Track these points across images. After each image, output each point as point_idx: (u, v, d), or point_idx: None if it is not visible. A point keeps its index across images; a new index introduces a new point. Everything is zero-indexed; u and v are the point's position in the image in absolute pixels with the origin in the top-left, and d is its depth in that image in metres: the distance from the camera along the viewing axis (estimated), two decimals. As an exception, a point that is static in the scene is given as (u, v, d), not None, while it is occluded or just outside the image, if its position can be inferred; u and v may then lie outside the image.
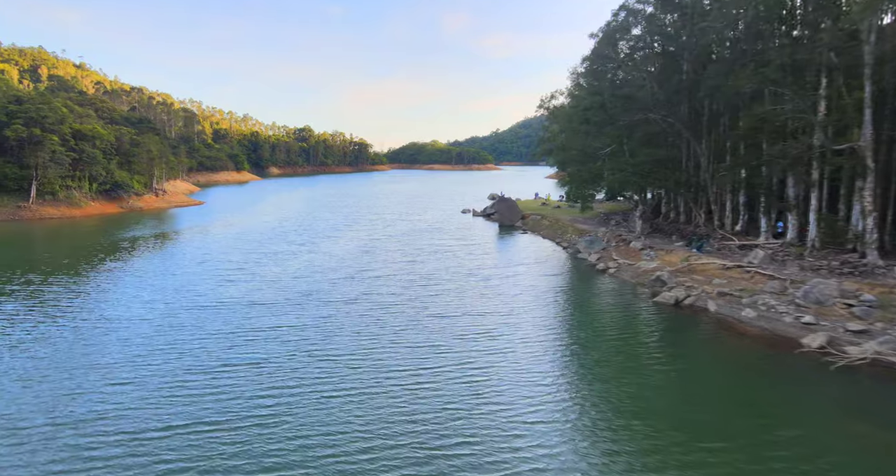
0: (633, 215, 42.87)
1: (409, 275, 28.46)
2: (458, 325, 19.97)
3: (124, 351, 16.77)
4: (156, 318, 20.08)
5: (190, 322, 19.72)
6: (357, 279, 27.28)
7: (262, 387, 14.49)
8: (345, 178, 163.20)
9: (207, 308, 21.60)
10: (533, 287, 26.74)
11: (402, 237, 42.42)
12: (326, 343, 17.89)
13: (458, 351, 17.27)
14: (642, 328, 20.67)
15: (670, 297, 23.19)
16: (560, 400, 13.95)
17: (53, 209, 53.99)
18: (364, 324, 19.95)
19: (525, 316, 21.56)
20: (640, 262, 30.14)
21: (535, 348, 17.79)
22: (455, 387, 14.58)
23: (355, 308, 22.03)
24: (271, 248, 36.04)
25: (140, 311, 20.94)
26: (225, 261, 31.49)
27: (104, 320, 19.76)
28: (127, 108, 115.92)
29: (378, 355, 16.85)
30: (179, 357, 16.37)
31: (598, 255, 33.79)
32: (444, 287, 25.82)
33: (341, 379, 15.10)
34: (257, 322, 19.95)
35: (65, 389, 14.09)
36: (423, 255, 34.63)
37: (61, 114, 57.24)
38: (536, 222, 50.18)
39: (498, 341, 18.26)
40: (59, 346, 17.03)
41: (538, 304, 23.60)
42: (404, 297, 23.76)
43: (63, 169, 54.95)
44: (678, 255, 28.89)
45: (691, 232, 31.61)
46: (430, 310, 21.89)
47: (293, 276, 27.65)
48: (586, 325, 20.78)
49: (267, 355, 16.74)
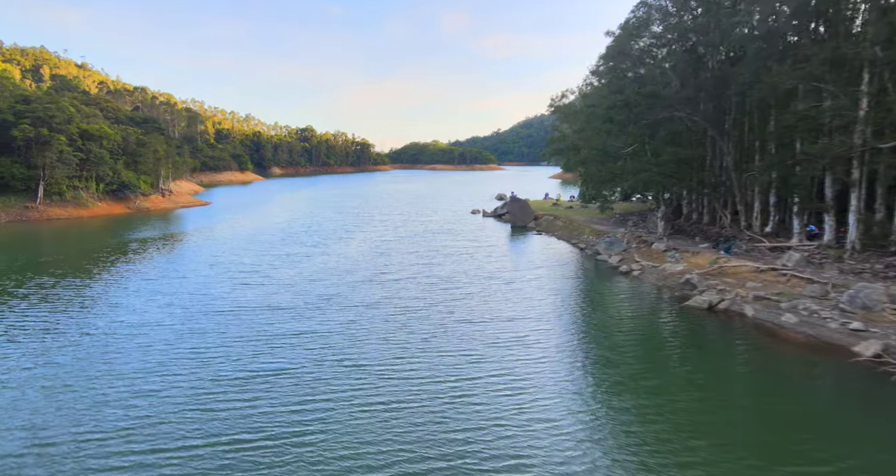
0: (652, 216, 42.10)
1: (429, 278, 27.73)
2: (488, 331, 19.23)
3: (147, 358, 16.07)
4: (175, 324, 19.37)
5: (211, 327, 19.01)
6: (375, 282, 26.56)
7: (294, 398, 13.78)
8: (347, 178, 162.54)
9: (226, 313, 20.89)
10: (557, 290, 26.02)
11: (415, 238, 41.70)
12: (354, 350, 17.17)
13: (493, 359, 16.53)
14: (678, 334, 19.91)
15: (703, 301, 22.43)
16: (607, 416, 13.21)
17: (61, 210, 53.37)
18: (390, 330, 19.22)
19: (555, 321, 20.83)
20: (664, 264, 29.38)
21: (572, 357, 17.07)
22: (497, 399, 13.83)
23: (378, 313, 21.32)
24: (283, 250, 35.36)
25: (158, 316, 20.23)
26: (237, 263, 30.80)
27: (122, 325, 19.06)
28: (130, 108, 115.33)
29: (409, 364, 16.12)
30: (204, 365, 15.66)
31: (619, 257, 33.03)
32: (466, 290, 25.09)
33: (374, 389, 14.37)
34: (280, 327, 19.24)
35: (88, 400, 13.39)
36: (439, 256, 33.90)
37: (69, 113, 56.60)
38: (550, 223, 49.44)
39: (533, 350, 17.52)
40: (79, 353, 16.34)
41: (566, 308, 22.88)
42: (427, 302, 23.04)
43: (70, 169, 54.35)
44: (705, 257, 28.13)
45: (716, 233, 30.83)
46: (456, 315, 21.16)
47: (309, 279, 26.94)
48: (620, 332, 20.03)
49: (294, 363, 16.03)
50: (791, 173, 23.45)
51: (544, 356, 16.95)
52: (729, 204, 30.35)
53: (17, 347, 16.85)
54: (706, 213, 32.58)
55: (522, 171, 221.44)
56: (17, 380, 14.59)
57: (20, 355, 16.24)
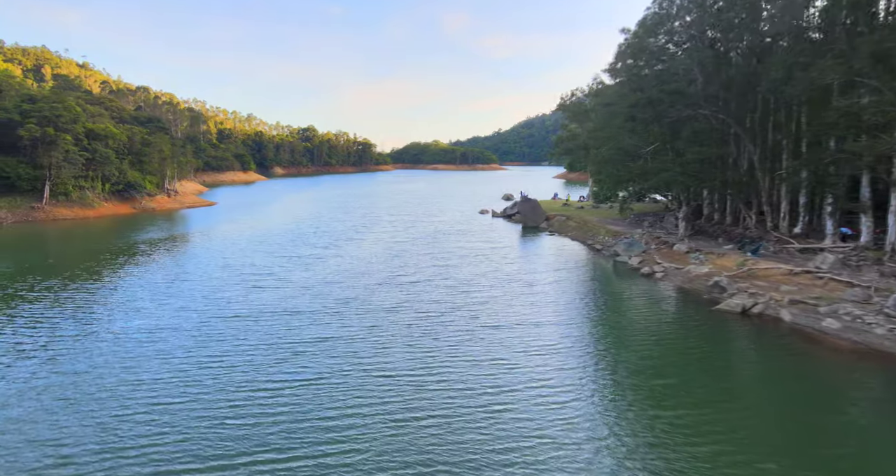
0: (668, 216, 41.36)
1: (447, 280, 26.99)
2: (516, 337, 18.49)
3: (167, 365, 15.35)
4: (192, 329, 18.64)
5: (229, 333, 18.28)
6: (393, 285, 25.83)
7: (323, 411, 13.05)
8: (350, 178, 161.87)
9: (243, 317, 20.17)
10: (581, 293, 25.29)
11: (427, 239, 40.97)
12: (380, 357, 16.44)
13: (527, 368, 15.78)
14: (713, 340, 19.16)
15: (736, 304, 21.68)
16: (651, 433, 12.44)
17: (67, 210, 52.72)
18: (415, 336, 18.48)
19: (585, 327, 20.11)
20: (687, 265, 28.64)
21: (609, 366, 16.34)
22: (541, 413, 13.08)
23: (400, 317, 20.58)
24: (294, 252, 34.63)
25: (174, 321, 19.50)
26: (249, 265, 30.07)
27: (137, 331, 18.34)
28: (133, 108, 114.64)
29: (440, 374, 15.38)
30: (227, 373, 14.94)
31: (639, 259, 32.27)
32: (488, 294, 24.34)
33: (407, 400, 13.64)
34: (300, 333, 18.51)
35: (110, 411, 12.68)
36: (454, 258, 33.16)
37: (75, 113, 55.94)
38: (562, 223, 48.71)
39: (566, 357, 16.78)
40: (97, 361, 15.63)
41: (593, 312, 22.14)
42: (449, 306, 22.29)
43: (76, 169, 53.70)
44: (731, 258, 27.38)
45: (740, 234, 30.07)
46: (481, 319, 20.41)
47: (325, 282, 26.21)
48: (654, 338, 19.26)
49: (320, 371, 15.30)
50: (826, 172, 22.67)
51: (580, 364, 16.21)
52: (754, 204, 29.60)
53: (32, 354, 16.15)
54: (729, 213, 31.81)
55: (524, 171, 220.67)
56: (36, 389, 13.90)
57: (37, 363, 15.55)
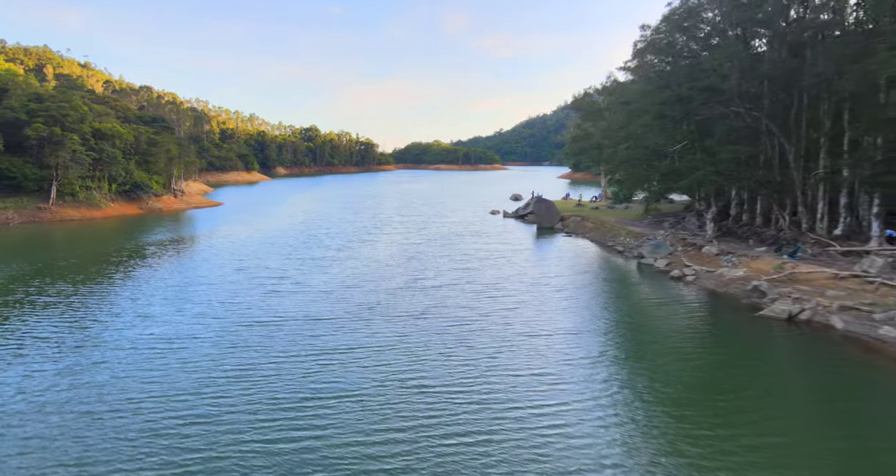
0: (689, 217, 40.31)
1: (472, 284, 25.95)
2: (555, 346, 17.45)
3: (191, 377, 14.36)
4: (213, 336, 17.64)
5: (253, 341, 17.27)
6: (416, 289, 24.80)
7: (363, 426, 12.05)
8: (353, 178, 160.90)
9: (266, 324, 19.15)
10: (613, 298, 24.27)
11: (442, 240, 39.93)
12: (415, 369, 15.42)
13: (574, 382, 14.75)
14: (764, 350, 18.11)
15: (781, 310, 20.62)
16: (719, 456, 11.42)
17: (74, 211, 51.82)
18: (448, 345, 17.45)
19: (626, 336, 19.08)
20: (719, 268, 27.59)
21: (663, 380, 15.30)
22: (595, 432, 12.05)
23: (429, 324, 19.55)
24: (308, 254, 33.61)
25: (194, 328, 18.50)
26: (263, 268, 29.05)
27: (156, 339, 17.34)
28: (136, 107, 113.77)
29: (481, 387, 14.35)
30: (255, 387, 13.93)
31: (666, 261, 31.22)
32: (517, 299, 23.30)
33: (452, 418, 12.61)
34: (326, 341, 17.50)
35: (137, 428, 11.72)
36: (474, 260, 32.12)
37: (82, 112, 55.03)
38: (578, 224, 47.66)
39: (614, 369, 15.76)
40: (117, 371, 14.66)
41: (631, 319, 21.10)
42: (478, 312, 21.25)
43: (83, 169, 52.79)
44: (767, 261, 26.31)
45: (772, 236, 28.98)
46: (515, 327, 19.37)
47: (345, 286, 25.19)
48: (701, 348, 18.22)
49: (352, 384, 14.28)
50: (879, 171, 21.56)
51: (629, 377, 15.19)
52: (788, 204, 28.52)
53: (49, 365, 15.18)
54: (759, 214, 30.74)
55: (527, 171, 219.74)
56: (56, 403, 12.94)
57: (54, 373, 14.58)
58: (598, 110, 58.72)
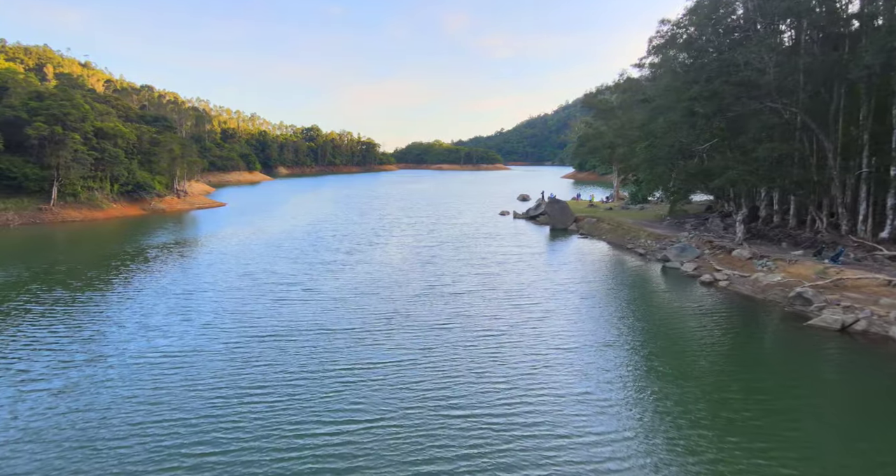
0: (713, 218, 38.85)
1: (493, 291, 24.51)
2: (596, 364, 16.00)
3: (201, 399, 12.96)
4: (222, 350, 16.23)
5: (265, 356, 15.85)
6: (435, 296, 23.37)
7: (402, 461, 10.62)
8: (355, 178, 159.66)
9: (277, 336, 17.73)
10: (646, 307, 22.82)
11: (455, 243, 38.49)
12: (446, 388, 14.00)
13: (624, 407, 13.33)
14: (822, 365, 16.69)
15: (834, 320, 19.16)
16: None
17: (75, 211, 50.51)
18: (478, 360, 16.02)
19: (669, 349, 17.62)
20: (754, 273, 26.11)
21: (720, 402, 13.86)
22: (663, 469, 10.60)
23: (454, 337, 18.11)
24: (317, 258, 32.18)
25: (200, 341, 17.09)
26: (271, 273, 27.62)
27: (163, 354, 15.95)
28: (138, 107, 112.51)
29: (525, 409, 12.92)
30: (273, 410, 12.52)
31: (694, 265, 29.76)
32: (543, 307, 21.85)
33: (496, 449, 11.18)
34: (345, 356, 16.08)
35: (141, 458, 10.31)
36: (492, 265, 30.66)
37: (83, 111, 53.69)
38: (593, 226, 46.20)
39: (664, 389, 14.31)
40: (120, 391, 13.28)
41: (670, 330, 19.62)
42: (505, 322, 19.80)
43: (85, 169, 51.47)
44: (807, 266, 24.84)
45: (809, 239, 27.51)
46: (546, 340, 17.92)
47: (359, 293, 23.77)
48: (752, 363, 16.79)
49: (379, 407, 12.87)
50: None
51: (681, 400, 13.72)
52: (825, 205, 27.05)
53: (46, 383, 13.81)
54: (792, 215, 29.26)
55: (529, 171, 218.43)
56: (57, 427, 11.62)
57: (52, 394, 13.20)
58: (611, 108, 57.26)
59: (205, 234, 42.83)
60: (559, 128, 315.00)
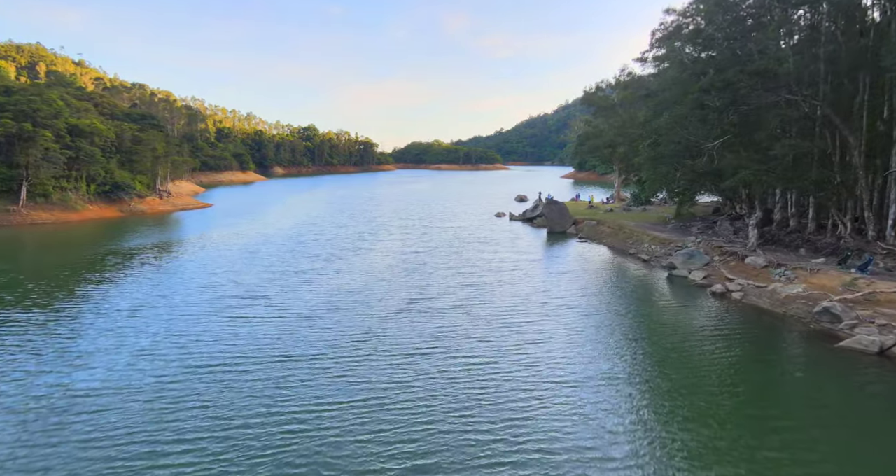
0: (722, 221, 36.30)
1: (483, 306, 21.91)
2: (604, 405, 13.40)
3: (105, 460, 10.27)
4: (150, 389, 13.57)
5: (209, 396, 13.19)
6: (417, 313, 20.77)
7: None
8: (352, 178, 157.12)
9: (222, 367, 15.10)
10: (655, 327, 20.25)
11: (446, 249, 35.86)
12: (419, 445, 11.39)
13: (643, 469, 10.75)
14: (858, 395, 14.13)
15: (870, 342, 16.62)
16: None
17: (46, 213, 47.84)
18: (461, 401, 13.40)
19: (693, 386, 15.02)
20: (771, 284, 23.57)
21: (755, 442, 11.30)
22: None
23: (435, 367, 15.52)
24: (293, 266, 29.43)
25: (124, 375, 14.41)
26: (237, 284, 24.96)
27: (77, 393, 13.28)
28: (129, 105, 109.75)
29: (513, 474, 10.34)
30: (204, 471, 9.88)
31: (703, 273, 27.23)
32: (540, 327, 19.24)
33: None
34: (303, 396, 13.49)
35: None
36: (483, 274, 28.05)
37: (56, 107, 50.98)
38: (593, 229, 43.64)
39: (704, 439, 11.74)
40: (14, 448, 10.56)
41: (689, 360, 17.00)
42: (495, 348, 17.16)
43: (57, 168, 48.73)
44: (831, 276, 22.30)
45: (831, 245, 24.98)
46: (544, 372, 15.33)
47: (330, 309, 21.16)
48: (778, 390, 14.23)
49: (337, 471, 10.25)
50: None
51: (714, 453, 11.16)
52: (849, 208, 24.53)
53: None
54: (811, 218, 26.71)
55: (529, 171, 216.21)
56: None
57: None
58: (612, 105, 54.69)
59: (179, 237, 40.17)
60: (559, 127, 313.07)
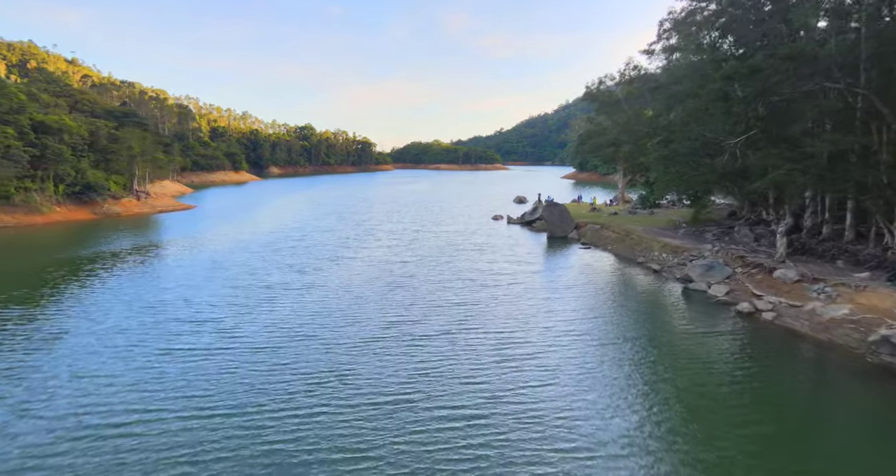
0: (740, 227, 32.97)
1: (474, 334, 18.56)
2: (630, 461, 10.12)
3: None
4: (42, 446, 10.25)
5: (109, 461, 9.88)
6: (394, 342, 17.45)
7: None
8: (349, 178, 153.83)
9: (134, 428, 11.79)
10: (678, 363, 16.77)
11: (437, 259, 32.44)
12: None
13: None
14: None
15: (954, 389, 13.30)
16: None
17: (7, 216, 44.60)
18: (458, 456, 10.13)
19: (727, 441, 11.72)
20: (808, 302, 20.28)
21: None
22: None
23: (409, 424, 12.22)
24: (259, 280, 25.69)
25: (12, 429, 11.11)
26: (186, 303, 21.51)
27: None
28: (118, 103, 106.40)
29: None
30: None
31: (726, 288, 23.93)
32: (541, 363, 15.87)
33: None
34: (239, 458, 10.17)
35: None
36: (477, 289, 24.64)
37: (18, 101, 47.64)
38: (597, 233, 40.29)
39: None
40: None
41: (721, 408, 13.67)
42: (487, 392, 13.84)
43: (20, 168, 45.39)
44: (881, 295, 18.96)
45: (875, 257, 21.67)
46: (547, 432, 11.98)
47: (290, 336, 17.82)
48: (836, 450, 10.90)
49: None
50: None
51: None
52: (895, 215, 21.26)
53: None
54: (849, 226, 23.42)
55: (529, 171, 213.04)
56: None
57: None
58: (616, 102, 51.37)
59: (145, 243, 36.74)
60: (559, 127, 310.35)
